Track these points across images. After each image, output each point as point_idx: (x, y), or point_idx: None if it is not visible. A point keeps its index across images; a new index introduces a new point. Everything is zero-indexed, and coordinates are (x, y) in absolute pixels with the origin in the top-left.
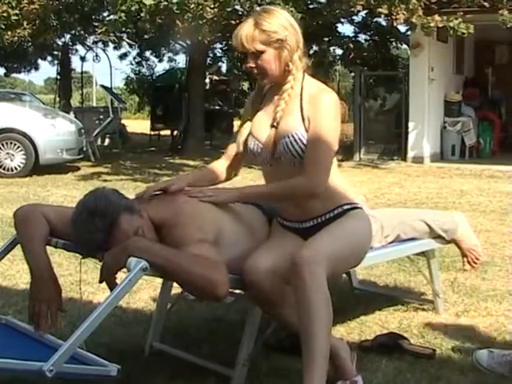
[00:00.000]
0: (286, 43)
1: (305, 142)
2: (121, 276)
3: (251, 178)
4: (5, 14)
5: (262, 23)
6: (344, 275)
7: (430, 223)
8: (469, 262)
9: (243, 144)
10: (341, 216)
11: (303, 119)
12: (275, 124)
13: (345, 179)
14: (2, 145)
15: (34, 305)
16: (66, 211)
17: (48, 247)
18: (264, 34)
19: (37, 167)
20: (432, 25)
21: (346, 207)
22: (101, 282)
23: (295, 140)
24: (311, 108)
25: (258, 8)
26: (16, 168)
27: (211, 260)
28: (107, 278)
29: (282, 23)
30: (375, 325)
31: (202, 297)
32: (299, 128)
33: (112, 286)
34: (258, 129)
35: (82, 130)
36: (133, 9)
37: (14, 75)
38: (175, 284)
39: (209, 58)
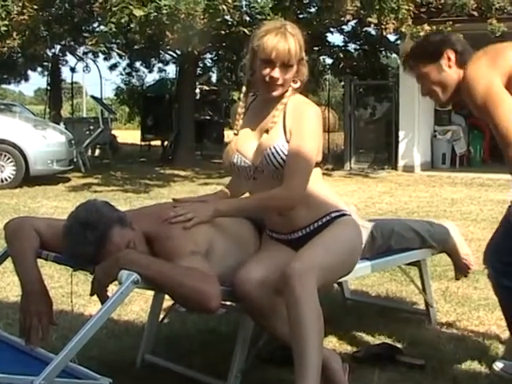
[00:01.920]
0: (304, 63)
1: (286, 153)
2: (112, 288)
3: None
4: None
5: (300, 39)
6: (336, 285)
7: (422, 233)
8: (461, 272)
9: (228, 158)
10: (329, 224)
11: (285, 132)
12: (268, 130)
13: (331, 188)
14: None
15: (24, 318)
16: (57, 224)
17: (39, 260)
18: (298, 48)
19: (27, 178)
20: (421, 34)
21: (333, 215)
22: (92, 294)
23: (276, 152)
24: (293, 120)
25: (247, 18)
26: (6, 179)
27: (203, 272)
28: (99, 290)
29: (301, 37)
30: (367, 335)
31: (194, 309)
32: (280, 140)
33: (103, 298)
34: (242, 143)
35: (73, 141)
36: (123, 20)
37: (3, 86)
38: (167, 296)
39: (199, 69)
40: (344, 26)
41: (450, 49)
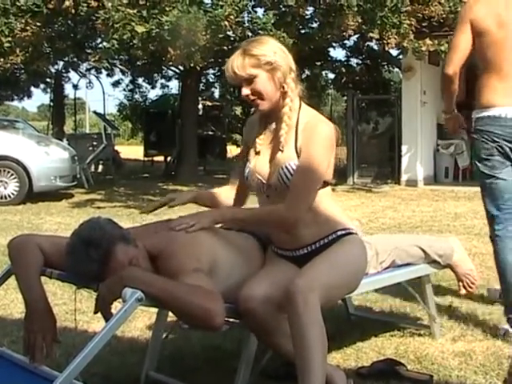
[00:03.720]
0: (277, 64)
1: None
2: (116, 306)
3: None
4: None
5: (250, 49)
6: (339, 301)
7: (425, 248)
8: (464, 287)
9: (243, 174)
10: (335, 242)
11: (296, 150)
12: (281, 148)
13: (338, 204)
14: None
15: (28, 336)
16: (60, 241)
17: (42, 277)
18: (253, 58)
19: (30, 195)
20: (423, 49)
21: (339, 233)
22: (96, 312)
23: (289, 171)
24: (305, 137)
25: (249, 34)
26: (10, 196)
27: (207, 290)
28: (102, 308)
29: (271, 47)
30: (372, 351)
31: (198, 326)
32: (293, 159)
33: (107, 316)
34: (259, 160)
35: (76, 157)
36: (125, 37)
37: (6, 102)
38: (170, 313)
39: (201, 84)
40: (346, 41)
41: None
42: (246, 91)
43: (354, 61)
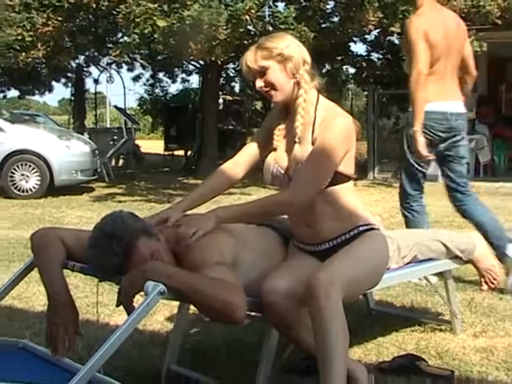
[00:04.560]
0: (289, 55)
1: None
2: (138, 299)
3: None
4: (19, 37)
5: (262, 43)
6: (360, 296)
7: (447, 243)
8: (486, 282)
9: (267, 168)
10: (357, 237)
11: (313, 143)
12: (296, 140)
13: (360, 199)
14: (17, 166)
15: (51, 328)
16: (82, 235)
17: (64, 270)
18: (265, 51)
19: (51, 188)
20: None
21: (361, 228)
22: (118, 305)
23: None
24: (321, 129)
25: (270, 28)
26: (31, 189)
27: (229, 283)
28: (125, 301)
29: (284, 40)
30: (392, 346)
31: (219, 320)
32: None
33: (129, 309)
34: (280, 154)
35: (97, 151)
36: (146, 31)
37: (27, 97)
38: (192, 306)
39: (222, 79)
40: (367, 36)
41: None
42: (259, 83)
43: (374, 55)
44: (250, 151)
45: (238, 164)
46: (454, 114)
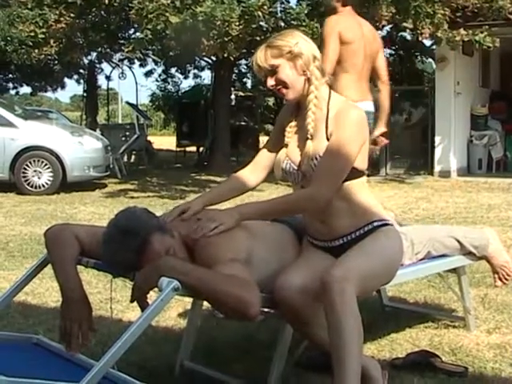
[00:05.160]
0: (298, 52)
1: None
2: (151, 295)
3: (277, 193)
4: (32, 33)
5: (272, 42)
6: (374, 292)
7: (461, 239)
8: (500, 279)
9: (278, 164)
10: (370, 233)
11: (327, 138)
12: (309, 136)
13: (373, 195)
14: (30, 162)
15: (65, 324)
16: (96, 231)
17: (78, 266)
18: (275, 49)
19: (64, 184)
20: (457, 39)
21: (375, 224)
22: (132, 301)
23: None
24: (335, 123)
25: (282, 24)
26: (43, 185)
27: (243, 279)
28: (139, 297)
29: (293, 38)
30: (406, 342)
31: (233, 316)
32: (325, 148)
33: (143, 305)
34: (291, 149)
35: (109, 147)
36: (158, 27)
37: (40, 93)
38: (205, 302)
39: (234, 75)
40: (379, 31)
41: None
42: (270, 82)
43: (386, 51)
44: (267, 153)
45: (258, 167)
46: (369, 112)
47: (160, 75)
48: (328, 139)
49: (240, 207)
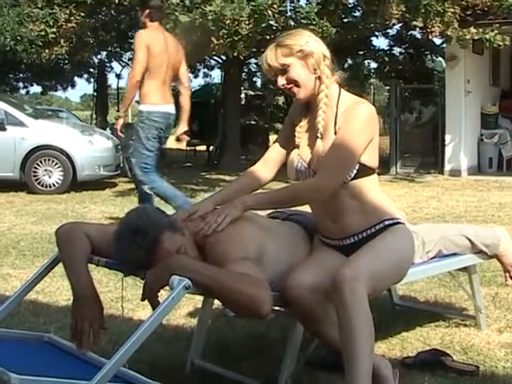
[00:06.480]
0: (309, 51)
1: None
2: (161, 294)
3: None
4: (42, 33)
5: (282, 41)
6: (384, 291)
7: (472, 238)
8: (511, 277)
9: (291, 165)
10: (382, 232)
11: (336, 134)
12: (319, 135)
13: (385, 194)
14: (40, 162)
15: (76, 323)
16: (107, 229)
17: (88, 264)
18: (285, 48)
19: (74, 184)
20: (468, 37)
21: (386, 222)
22: (143, 300)
23: None
24: (344, 118)
25: (292, 23)
26: (54, 185)
27: (254, 278)
28: (150, 296)
29: (302, 36)
30: (417, 341)
31: (245, 314)
32: None
33: (154, 304)
34: (302, 148)
35: (119, 147)
36: (168, 26)
37: (50, 92)
38: (216, 300)
39: (244, 74)
40: (389, 30)
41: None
42: (281, 81)
43: (396, 50)
44: (277, 150)
45: (268, 164)
46: (171, 114)
47: None
48: (336, 134)
49: (243, 197)
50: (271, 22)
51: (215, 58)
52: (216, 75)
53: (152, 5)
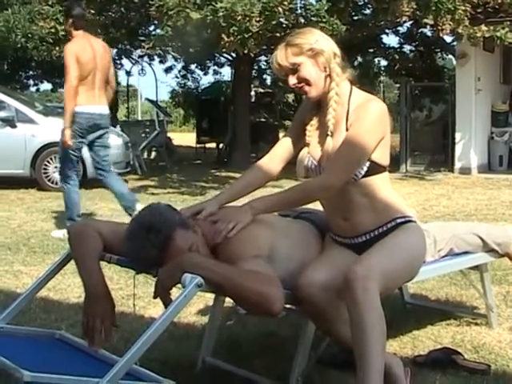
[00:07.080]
0: (320, 49)
1: None
2: (173, 291)
3: None
4: (53, 30)
5: (291, 40)
6: (396, 289)
7: (483, 237)
8: None
9: (301, 162)
10: (393, 230)
11: (347, 130)
12: (329, 133)
13: (396, 192)
14: (50, 159)
15: (88, 320)
16: (119, 227)
17: (100, 262)
18: (295, 47)
19: (84, 181)
20: (478, 35)
21: (398, 221)
22: (155, 297)
23: None
24: (355, 115)
25: (302, 20)
26: None
27: (266, 276)
28: (162, 294)
29: (312, 35)
30: (428, 340)
31: (256, 312)
32: None
33: (166, 301)
34: (313, 146)
35: (129, 144)
36: (179, 23)
37: (60, 90)
38: (227, 298)
39: (254, 71)
40: (399, 28)
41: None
42: (292, 80)
43: (407, 47)
44: (284, 146)
45: (274, 159)
46: (99, 114)
47: (180, 71)
48: (347, 130)
49: (252, 202)
50: (281, 20)
51: (225, 55)
52: (226, 72)
53: (74, 14)
